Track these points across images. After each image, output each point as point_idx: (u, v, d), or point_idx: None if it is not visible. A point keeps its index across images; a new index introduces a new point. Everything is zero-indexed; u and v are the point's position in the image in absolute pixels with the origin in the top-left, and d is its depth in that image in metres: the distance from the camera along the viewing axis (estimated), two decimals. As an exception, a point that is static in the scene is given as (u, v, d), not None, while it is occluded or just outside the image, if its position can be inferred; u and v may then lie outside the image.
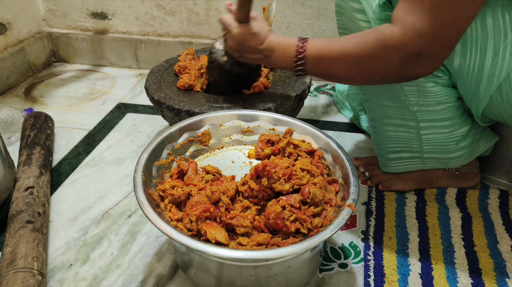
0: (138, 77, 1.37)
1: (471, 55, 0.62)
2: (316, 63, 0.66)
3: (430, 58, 0.55)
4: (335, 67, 0.64)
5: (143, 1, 1.31)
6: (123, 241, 0.73)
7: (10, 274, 0.58)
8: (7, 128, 1.03)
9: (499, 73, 0.62)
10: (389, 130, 0.78)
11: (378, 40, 0.57)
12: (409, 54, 0.55)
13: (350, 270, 0.67)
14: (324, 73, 0.67)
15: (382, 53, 0.57)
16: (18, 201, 0.71)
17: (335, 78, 0.67)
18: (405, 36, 0.54)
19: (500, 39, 0.59)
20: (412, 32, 0.53)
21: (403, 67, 0.57)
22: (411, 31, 0.53)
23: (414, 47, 0.54)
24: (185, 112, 0.79)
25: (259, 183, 0.57)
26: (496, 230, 0.74)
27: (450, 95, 0.70)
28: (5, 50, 1.26)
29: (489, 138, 0.80)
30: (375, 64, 0.59)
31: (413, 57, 0.55)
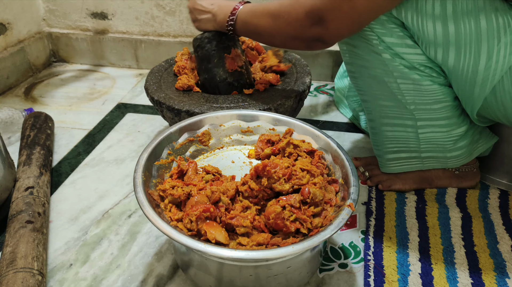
0: (138, 77, 1.37)
1: (465, 58, 0.62)
2: (245, 19, 0.75)
3: (327, 23, 0.62)
4: (258, 23, 0.72)
5: (143, 1, 1.31)
6: (123, 241, 0.73)
7: (10, 274, 0.58)
8: (7, 128, 1.03)
9: (492, 76, 0.62)
10: (387, 130, 0.78)
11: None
12: (312, 12, 0.62)
13: (350, 270, 0.67)
14: (251, 29, 0.75)
15: (292, 8, 0.65)
16: (18, 201, 0.71)
17: (258, 35, 0.75)
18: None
19: (493, 43, 0.60)
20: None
21: (306, 25, 0.64)
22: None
23: (316, 5, 0.61)
24: (185, 112, 0.79)
25: (259, 183, 0.57)
26: (496, 230, 0.74)
27: (447, 94, 0.70)
28: (5, 50, 1.26)
29: (488, 139, 0.80)
30: (285, 18, 0.66)
31: (315, 16, 0.62)
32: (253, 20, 0.73)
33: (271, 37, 0.72)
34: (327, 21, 0.62)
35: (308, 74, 0.93)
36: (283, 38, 0.70)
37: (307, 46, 0.69)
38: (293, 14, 0.65)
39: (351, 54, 0.72)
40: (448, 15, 0.59)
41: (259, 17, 0.72)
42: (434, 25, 0.60)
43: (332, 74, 1.32)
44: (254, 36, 0.77)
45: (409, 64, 0.67)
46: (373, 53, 0.68)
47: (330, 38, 0.65)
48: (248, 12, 0.75)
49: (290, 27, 0.67)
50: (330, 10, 0.61)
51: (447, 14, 0.59)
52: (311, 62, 1.29)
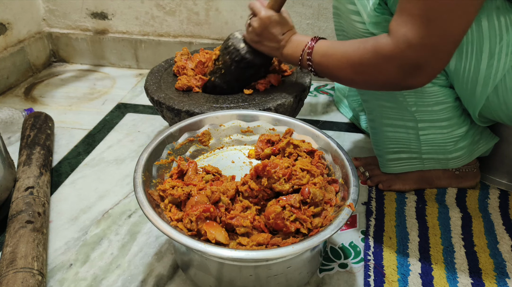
0: (138, 77, 1.37)
1: (467, 57, 0.62)
2: (320, 61, 0.69)
3: (424, 69, 0.56)
4: (337, 68, 0.65)
5: (143, 1, 1.31)
6: (123, 241, 0.73)
7: (10, 274, 0.58)
8: (7, 128, 1.03)
9: (494, 75, 0.62)
10: (388, 131, 0.78)
11: (374, 48, 0.58)
12: (403, 65, 0.56)
13: (350, 270, 0.67)
14: (327, 72, 0.69)
15: (377, 62, 0.58)
16: (18, 201, 0.71)
17: (337, 79, 0.69)
18: (396, 47, 0.55)
19: (495, 41, 0.59)
20: (403, 43, 0.54)
21: (398, 77, 0.58)
22: (401, 42, 0.54)
23: (406, 58, 0.55)
24: (185, 112, 0.79)
25: (259, 183, 0.57)
26: (496, 230, 0.74)
27: (448, 95, 0.70)
28: (5, 50, 1.26)
29: (489, 139, 0.80)
30: (371, 72, 0.60)
31: (406, 68, 0.56)
32: (330, 67, 0.67)
33: (352, 83, 0.68)
34: (425, 67, 0.55)
35: (308, 74, 0.93)
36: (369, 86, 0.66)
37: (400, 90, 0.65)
38: (377, 67, 0.59)
39: None
40: None
41: (335, 63, 0.65)
42: None
43: (332, 74, 1.32)
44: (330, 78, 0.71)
45: None
46: None
47: (429, 80, 0.59)
48: (323, 55, 0.68)
49: (376, 79, 0.61)
50: (426, 56, 0.54)
51: None
52: (311, 62, 1.29)
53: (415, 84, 0.59)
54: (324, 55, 0.68)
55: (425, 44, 0.53)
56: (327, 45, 0.68)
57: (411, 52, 0.54)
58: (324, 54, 0.68)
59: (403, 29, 0.54)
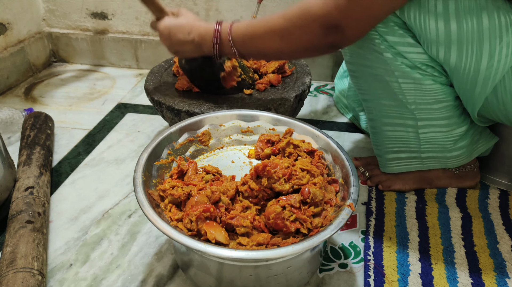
0: (138, 77, 1.37)
1: (467, 57, 0.62)
2: (244, 42, 0.69)
3: (343, 31, 0.61)
4: (262, 43, 0.67)
5: (143, 1, 1.31)
6: (123, 241, 0.73)
7: (10, 274, 0.58)
8: (7, 128, 1.03)
9: (494, 75, 0.62)
10: (387, 130, 0.78)
11: (301, 10, 0.62)
12: (328, 23, 0.60)
13: (350, 270, 0.67)
14: (254, 51, 0.70)
15: (304, 22, 0.62)
16: (18, 201, 0.71)
17: (264, 55, 0.71)
18: (325, 5, 0.59)
19: (495, 42, 0.59)
20: (332, 2, 0.59)
21: (323, 36, 0.62)
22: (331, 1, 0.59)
23: (329, 17, 0.60)
24: (185, 112, 0.79)
25: (259, 183, 0.57)
26: (496, 230, 0.74)
27: (448, 94, 0.70)
28: (5, 50, 1.26)
29: (489, 139, 0.80)
30: (297, 34, 0.64)
31: (331, 27, 0.60)
32: (255, 42, 0.68)
33: (279, 53, 0.70)
34: (343, 28, 0.61)
35: (308, 74, 0.93)
36: (294, 52, 0.68)
37: (321, 53, 0.68)
38: (305, 28, 0.63)
39: (352, 53, 0.72)
40: (450, 13, 0.59)
41: (262, 39, 0.67)
42: (436, 24, 0.60)
43: (332, 74, 1.32)
44: (257, 57, 0.72)
45: (410, 63, 0.67)
46: (374, 52, 0.68)
47: (347, 42, 0.65)
48: (244, 34, 0.69)
49: (303, 41, 0.65)
50: (346, 17, 0.60)
51: (449, 12, 0.59)
52: (311, 62, 1.29)
53: (333, 42, 0.63)
54: (246, 35, 0.68)
55: (350, 8, 0.58)
56: (244, 24, 0.69)
57: (336, 13, 0.59)
58: (245, 34, 0.68)
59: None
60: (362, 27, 0.63)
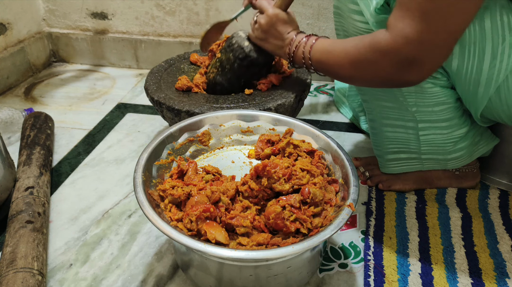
0: (138, 77, 1.37)
1: (469, 58, 0.62)
2: (320, 58, 0.69)
3: (421, 64, 0.56)
4: (336, 64, 0.66)
5: (143, 1, 1.31)
6: (123, 241, 0.73)
7: (10, 274, 0.58)
8: (7, 128, 1.03)
9: (497, 76, 0.62)
10: (387, 131, 0.78)
11: (371, 43, 0.58)
12: (399, 60, 0.56)
13: (350, 270, 0.67)
14: (326, 69, 0.69)
15: (374, 57, 0.58)
16: (18, 201, 0.71)
17: (336, 76, 0.69)
18: (394, 42, 0.55)
19: (498, 42, 0.59)
20: (401, 37, 0.54)
21: (395, 73, 0.58)
22: (399, 36, 0.54)
23: (403, 53, 0.55)
24: (185, 112, 0.79)
25: (259, 183, 0.57)
26: (496, 230, 0.74)
27: (449, 96, 0.70)
28: (5, 50, 1.26)
29: (489, 141, 0.79)
30: (368, 67, 0.61)
31: (403, 63, 0.56)
32: (329, 63, 0.67)
33: (352, 80, 0.68)
34: (422, 63, 0.55)
35: (308, 74, 0.93)
36: (366, 82, 0.66)
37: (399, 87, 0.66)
38: (374, 62, 0.59)
39: None
40: None
41: (334, 60, 0.66)
42: None
43: (332, 74, 1.32)
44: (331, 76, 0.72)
45: None
46: None
47: (426, 76, 0.59)
48: (323, 52, 0.68)
49: (373, 74, 0.61)
50: (424, 51, 0.54)
51: None
52: (311, 62, 1.29)
53: (411, 80, 0.59)
54: (323, 52, 0.68)
55: (422, 39, 0.53)
56: (327, 42, 0.69)
57: (408, 47, 0.54)
58: (324, 51, 0.68)
59: (401, 24, 0.54)
60: (441, 55, 0.56)
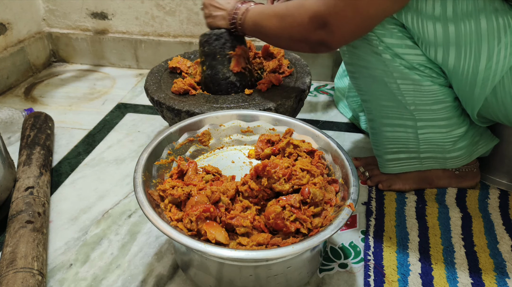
0: (138, 77, 1.37)
1: (465, 59, 0.62)
2: (254, 20, 0.76)
3: (332, 28, 0.62)
4: (266, 24, 0.73)
5: (143, 1, 1.31)
6: (123, 241, 0.73)
7: (10, 274, 0.58)
8: (7, 128, 1.03)
9: (493, 76, 0.62)
10: (387, 131, 0.78)
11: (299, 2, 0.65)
12: (315, 16, 0.62)
13: (350, 270, 0.67)
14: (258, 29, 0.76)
15: (297, 12, 0.65)
16: (18, 201, 0.71)
17: (265, 36, 0.75)
18: (316, 2, 0.62)
19: (494, 43, 0.59)
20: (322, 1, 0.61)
21: (310, 29, 0.64)
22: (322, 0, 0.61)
23: (320, 11, 0.62)
24: (185, 112, 0.79)
25: (259, 183, 0.57)
26: (496, 230, 0.74)
27: (447, 95, 0.70)
28: (5, 50, 1.26)
29: (489, 141, 0.80)
30: (291, 21, 0.67)
31: (318, 20, 0.62)
32: (261, 21, 0.74)
33: (277, 38, 0.73)
34: (331, 26, 0.62)
35: (308, 74, 0.93)
36: (288, 40, 0.71)
37: (311, 49, 0.69)
38: (297, 17, 0.65)
39: (351, 54, 0.72)
40: (448, 16, 0.59)
41: (266, 18, 0.73)
42: (434, 26, 0.60)
43: (332, 74, 1.32)
44: (261, 37, 0.78)
45: (409, 65, 0.67)
46: (373, 54, 0.68)
47: (334, 42, 0.65)
48: (257, 13, 0.76)
49: (294, 30, 0.67)
50: (333, 15, 0.61)
51: (447, 15, 0.59)
52: (311, 62, 1.29)
53: (322, 39, 0.64)
54: (258, 13, 0.75)
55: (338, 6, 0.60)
56: (263, 6, 0.77)
57: (324, 9, 0.61)
58: (258, 12, 0.75)
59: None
60: (349, 29, 0.63)
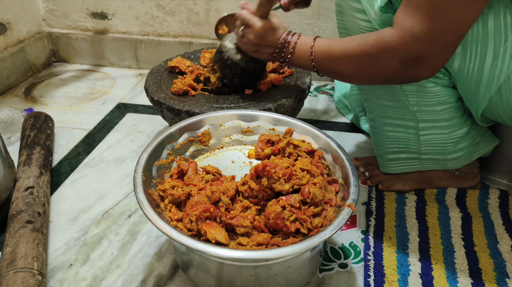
0: (138, 77, 1.37)
1: (471, 57, 0.62)
2: (321, 60, 0.69)
3: (428, 61, 0.57)
4: (338, 65, 0.67)
5: (143, 1, 1.31)
6: (123, 241, 0.73)
7: (10, 274, 0.58)
8: (7, 128, 1.03)
9: (498, 75, 0.62)
10: (388, 131, 0.78)
11: (377, 42, 0.59)
12: (407, 57, 0.57)
13: (350, 270, 0.67)
14: (329, 70, 0.70)
15: (381, 55, 0.59)
16: (18, 201, 0.71)
17: (339, 76, 0.70)
18: (402, 39, 0.56)
19: (500, 42, 0.59)
20: (409, 35, 0.55)
21: (402, 70, 0.59)
22: (408, 34, 0.55)
23: (411, 50, 0.56)
24: (185, 112, 0.79)
25: (259, 183, 0.57)
26: (496, 230, 0.74)
27: (450, 96, 0.70)
28: (5, 50, 1.26)
29: (489, 142, 0.79)
30: (374, 65, 0.61)
31: (411, 60, 0.57)
32: (331, 64, 0.68)
33: (355, 78, 0.68)
34: (430, 60, 0.57)
35: (308, 74, 0.93)
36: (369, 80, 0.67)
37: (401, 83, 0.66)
38: (381, 61, 0.60)
39: None
40: None
41: (337, 61, 0.66)
42: None
43: (332, 74, 1.32)
44: (334, 76, 0.73)
45: None
46: None
47: (430, 73, 0.60)
48: (323, 54, 0.68)
49: (378, 72, 0.62)
50: (428, 47, 0.55)
51: None
52: (311, 62, 1.29)
53: (417, 76, 0.60)
54: (324, 53, 0.68)
55: (431, 37, 0.54)
56: (325, 42, 0.69)
57: (417, 45, 0.55)
58: (324, 52, 0.68)
59: (409, 22, 0.55)
60: (448, 52, 0.58)
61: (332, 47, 0.67)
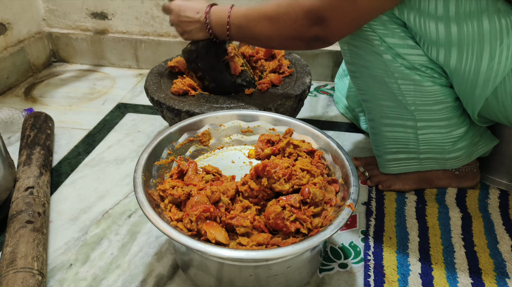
0: (138, 77, 1.37)
1: (467, 59, 0.62)
2: (239, 24, 0.73)
3: (328, 23, 0.62)
4: (255, 27, 0.71)
5: (143, 1, 1.31)
6: (123, 241, 0.73)
7: (10, 274, 0.58)
8: (7, 128, 1.03)
9: (494, 77, 0.62)
10: (387, 131, 0.78)
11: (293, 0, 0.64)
12: (311, 12, 0.62)
13: (350, 270, 0.67)
14: (247, 33, 0.73)
15: (292, 9, 0.64)
16: (18, 201, 0.71)
17: (255, 39, 0.74)
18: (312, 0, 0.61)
19: (496, 44, 0.59)
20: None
21: (306, 26, 0.64)
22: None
23: (315, 5, 0.61)
24: (185, 112, 0.79)
25: (259, 183, 0.57)
26: (496, 230, 0.74)
27: (448, 95, 0.70)
28: (5, 50, 1.26)
29: (489, 141, 0.79)
30: (285, 20, 0.66)
31: (314, 15, 0.62)
32: (249, 25, 0.71)
33: (269, 40, 0.71)
34: (327, 21, 0.62)
35: (308, 74, 0.93)
36: (282, 40, 0.70)
37: (307, 46, 0.69)
38: (292, 15, 0.65)
39: (352, 54, 0.72)
40: (450, 16, 0.59)
41: (255, 21, 0.70)
42: (436, 26, 0.60)
43: (332, 74, 1.32)
44: (250, 41, 0.76)
45: (410, 65, 0.67)
46: (374, 54, 0.68)
47: (330, 37, 0.65)
48: (242, 17, 0.72)
49: (289, 29, 0.66)
50: (329, 9, 0.61)
51: (450, 15, 0.59)
52: (311, 62, 1.29)
53: (317, 34, 0.64)
54: (243, 16, 0.72)
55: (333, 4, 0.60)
56: (244, 8, 0.73)
57: (320, 4, 0.61)
58: (243, 15, 0.72)
59: None
60: (346, 23, 0.63)
61: (250, 11, 0.71)
